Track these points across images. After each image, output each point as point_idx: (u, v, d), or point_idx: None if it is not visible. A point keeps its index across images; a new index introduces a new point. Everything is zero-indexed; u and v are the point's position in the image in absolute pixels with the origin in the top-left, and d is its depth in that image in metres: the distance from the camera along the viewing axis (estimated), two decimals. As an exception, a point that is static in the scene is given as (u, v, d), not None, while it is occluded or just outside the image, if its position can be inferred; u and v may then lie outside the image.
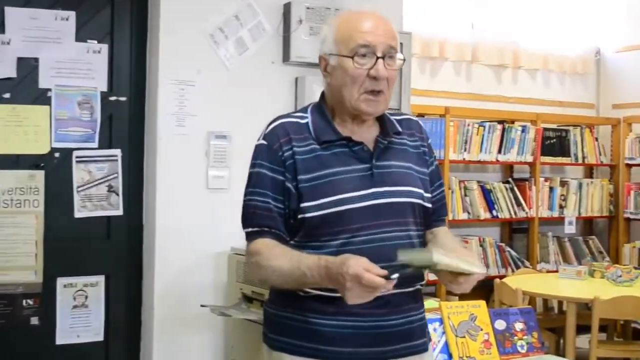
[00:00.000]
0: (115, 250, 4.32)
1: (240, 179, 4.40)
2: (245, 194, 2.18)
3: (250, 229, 2.15)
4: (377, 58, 2.09)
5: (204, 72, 4.30)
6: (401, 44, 3.37)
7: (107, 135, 4.25)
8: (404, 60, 2.19)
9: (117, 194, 4.26)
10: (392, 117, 2.26)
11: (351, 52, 2.09)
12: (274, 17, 4.48)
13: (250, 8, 4.41)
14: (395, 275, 1.86)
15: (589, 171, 7.18)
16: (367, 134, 2.18)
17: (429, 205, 2.22)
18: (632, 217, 6.78)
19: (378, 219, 2.08)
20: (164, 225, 4.23)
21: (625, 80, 7.19)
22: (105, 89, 4.24)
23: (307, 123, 2.17)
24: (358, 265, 1.85)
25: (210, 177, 4.34)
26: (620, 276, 5.07)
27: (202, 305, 4.10)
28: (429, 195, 2.22)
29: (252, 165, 2.18)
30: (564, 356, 4.49)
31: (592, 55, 7.29)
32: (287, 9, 4.46)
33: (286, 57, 4.46)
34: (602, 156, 6.96)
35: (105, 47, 4.23)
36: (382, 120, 2.22)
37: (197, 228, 4.28)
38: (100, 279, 4.27)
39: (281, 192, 2.10)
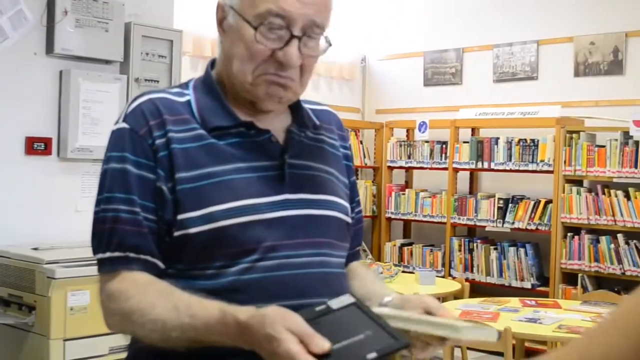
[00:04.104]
0: None
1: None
2: (97, 203, 1.49)
3: (106, 255, 1.46)
4: (292, 37, 1.46)
5: (-43, 60, 4.02)
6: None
7: None
8: (330, 45, 1.56)
9: None
10: (307, 106, 1.66)
11: (256, 19, 1.45)
12: (37, 7, 4.27)
13: (10, -5, 4.17)
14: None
15: (355, 173, 7.48)
16: (276, 123, 1.57)
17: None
18: (392, 216, 7.14)
19: (293, 237, 1.49)
20: None
21: (387, 86, 7.59)
22: None
23: (188, 102, 1.54)
24: (288, 333, 1.22)
25: (-36, 173, 4.06)
26: (382, 273, 5.32)
27: (-48, 310, 3.83)
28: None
29: (107, 160, 1.49)
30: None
31: (359, 62, 7.62)
32: (51, -2, 4.27)
33: (50, 48, 4.27)
34: (366, 158, 7.29)
35: None
36: (295, 106, 1.62)
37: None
38: None
39: (152, 196, 1.45)
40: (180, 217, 1.44)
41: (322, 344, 1.21)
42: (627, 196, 5.57)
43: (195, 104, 1.53)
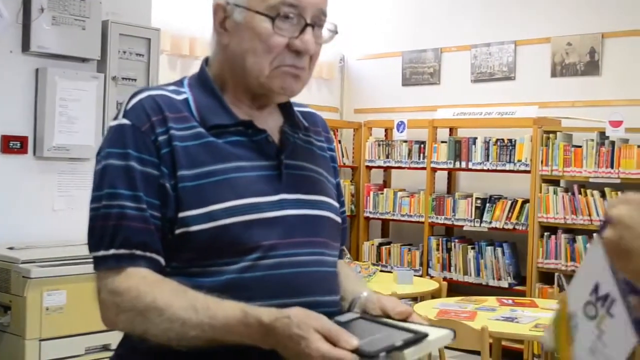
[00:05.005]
0: None
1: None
2: (96, 199, 1.45)
3: (110, 252, 1.42)
4: (306, 25, 1.52)
5: None
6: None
7: None
8: (337, 32, 1.64)
9: None
10: (294, 107, 1.67)
11: (271, 10, 1.48)
12: (13, 4, 4.22)
13: (-14, -8, 4.13)
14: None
15: (333, 172, 7.50)
16: (270, 123, 1.58)
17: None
18: (371, 216, 7.16)
19: (290, 236, 1.49)
20: None
21: (366, 86, 7.60)
22: None
23: (185, 99, 1.53)
24: (316, 333, 1.25)
25: (-62, 171, 4.01)
26: (360, 272, 5.32)
27: None
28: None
29: (107, 156, 1.46)
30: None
31: (337, 62, 7.62)
32: (27, -5, 4.23)
33: (26, 46, 4.23)
34: (344, 158, 7.29)
35: None
36: (285, 107, 1.64)
37: None
38: None
39: (156, 193, 1.44)
40: (181, 214, 1.43)
41: (351, 341, 1.25)
42: (603, 196, 5.61)
43: (193, 102, 1.53)
